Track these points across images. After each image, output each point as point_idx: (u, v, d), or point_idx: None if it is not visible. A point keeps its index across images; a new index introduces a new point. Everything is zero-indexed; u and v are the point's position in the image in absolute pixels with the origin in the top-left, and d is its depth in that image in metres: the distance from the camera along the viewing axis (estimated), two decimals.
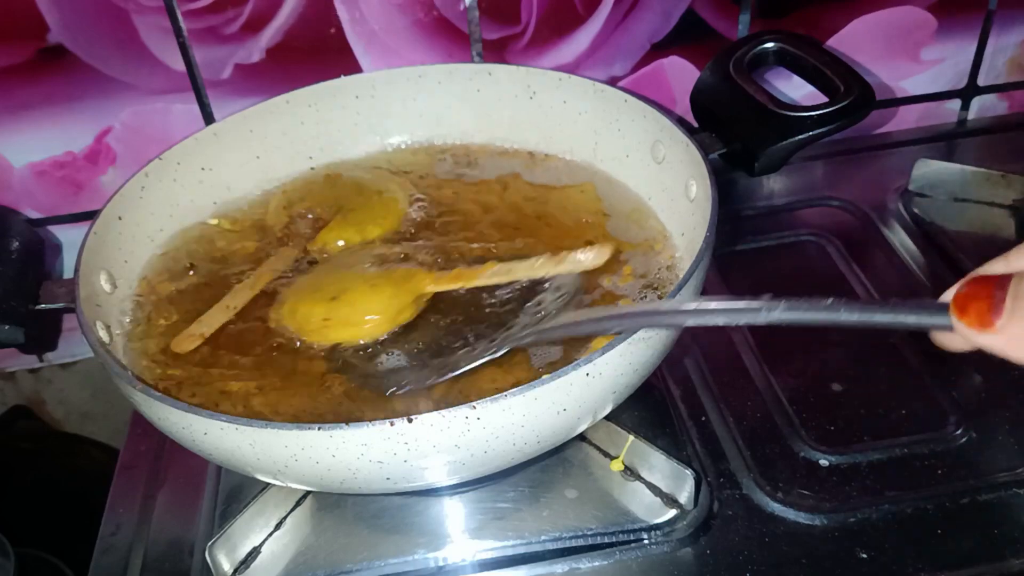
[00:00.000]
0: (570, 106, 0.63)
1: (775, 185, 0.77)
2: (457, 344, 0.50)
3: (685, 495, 0.51)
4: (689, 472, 0.51)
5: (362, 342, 0.51)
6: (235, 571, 0.50)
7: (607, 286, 0.54)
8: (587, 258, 0.51)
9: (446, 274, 0.53)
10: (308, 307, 0.52)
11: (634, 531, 0.51)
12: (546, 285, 0.52)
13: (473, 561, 0.51)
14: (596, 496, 0.53)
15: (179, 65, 0.66)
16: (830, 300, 0.35)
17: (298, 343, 0.51)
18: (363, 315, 0.51)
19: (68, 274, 0.62)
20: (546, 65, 0.71)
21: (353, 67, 0.68)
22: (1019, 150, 0.79)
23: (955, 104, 0.82)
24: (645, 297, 0.53)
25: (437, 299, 0.53)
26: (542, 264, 0.52)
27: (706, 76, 0.60)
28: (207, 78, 0.67)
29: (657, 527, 0.51)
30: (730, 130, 0.57)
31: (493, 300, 0.52)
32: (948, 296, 0.32)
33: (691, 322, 0.39)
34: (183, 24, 0.64)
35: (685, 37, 0.72)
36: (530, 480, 0.54)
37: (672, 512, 0.52)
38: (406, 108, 0.67)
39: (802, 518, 0.51)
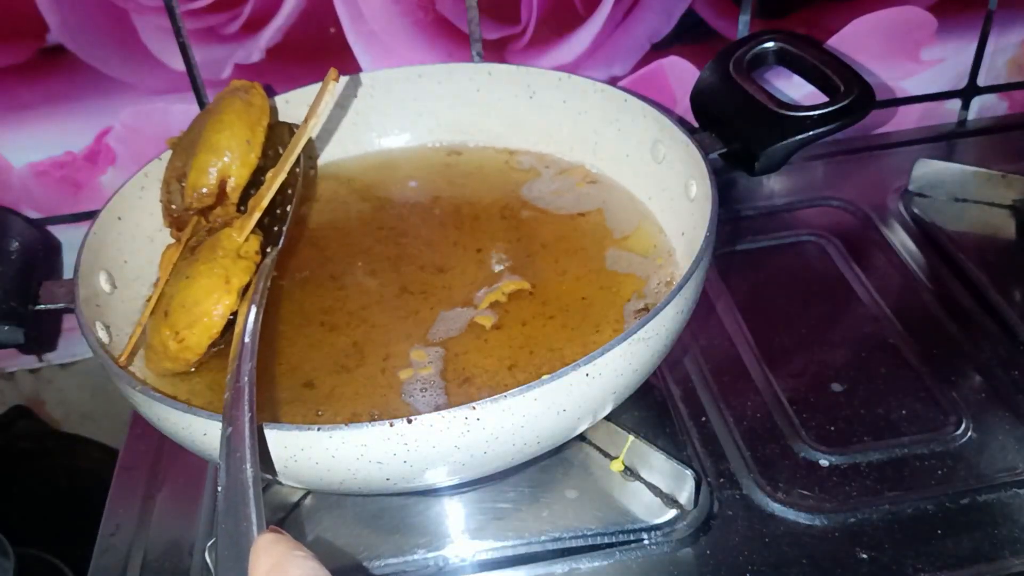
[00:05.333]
0: (570, 106, 0.63)
1: (775, 185, 0.77)
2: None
3: (685, 495, 0.51)
4: (689, 472, 0.51)
5: (227, 318, 0.49)
6: None
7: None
8: (325, 98, 0.52)
9: (243, 215, 0.52)
10: (157, 337, 0.49)
11: (634, 531, 0.51)
12: None
13: (473, 561, 0.50)
14: (596, 496, 0.53)
15: (179, 65, 0.66)
16: None
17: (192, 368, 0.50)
18: (198, 306, 0.48)
19: (68, 274, 0.62)
20: (546, 65, 0.71)
21: (353, 67, 0.68)
22: (1019, 150, 0.79)
23: (955, 104, 0.82)
24: (643, 309, 0.53)
25: None
26: (302, 134, 0.52)
27: (706, 76, 0.60)
28: (207, 78, 0.67)
29: (657, 527, 0.51)
30: (730, 130, 0.57)
31: None
32: None
33: None
34: (183, 24, 0.64)
35: (685, 37, 0.72)
36: (530, 480, 0.54)
37: (672, 512, 0.52)
38: (406, 108, 0.67)
39: (802, 518, 0.51)
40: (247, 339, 0.44)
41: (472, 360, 0.51)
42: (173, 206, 0.56)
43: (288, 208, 0.54)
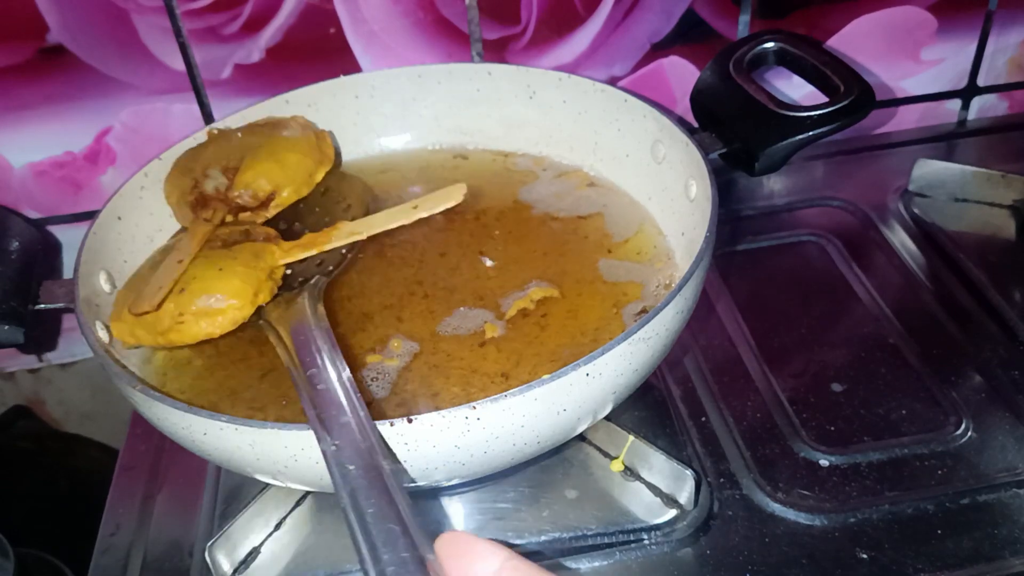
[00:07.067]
0: (570, 106, 0.63)
1: (775, 185, 0.77)
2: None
3: (685, 495, 0.51)
4: (689, 472, 0.51)
5: (230, 329, 0.48)
6: (235, 571, 0.50)
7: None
8: (444, 202, 0.53)
9: (296, 243, 0.52)
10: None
11: (634, 531, 0.51)
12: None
13: None
14: (596, 496, 0.53)
15: (179, 65, 0.66)
16: None
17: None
18: (219, 302, 0.48)
19: (68, 274, 0.62)
20: (546, 65, 0.71)
21: (353, 67, 0.68)
22: (1019, 150, 0.79)
23: (955, 104, 0.82)
24: (643, 312, 0.53)
25: None
26: (400, 212, 0.53)
27: (706, 76, 0.60)
28: (207, 78, 0.67)
29: (657, 527, 0.51)
30: (730, 130, 0.57)
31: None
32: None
33: None
34: (183, 24, 0.64)
35: (685, 37, 0.72)
36: (530, 480, 0.54)
37: (672, 512, 0.52)
38: (406, 108, 0.67)
39: (802, 518, 0.51)
40: (321, 339, 0.43)
41: (440, 365, 0.50)
42: (202, 188, 0.56)
43: (343, 251, 0.55)
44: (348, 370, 0.41)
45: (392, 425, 0.38)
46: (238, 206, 0.56)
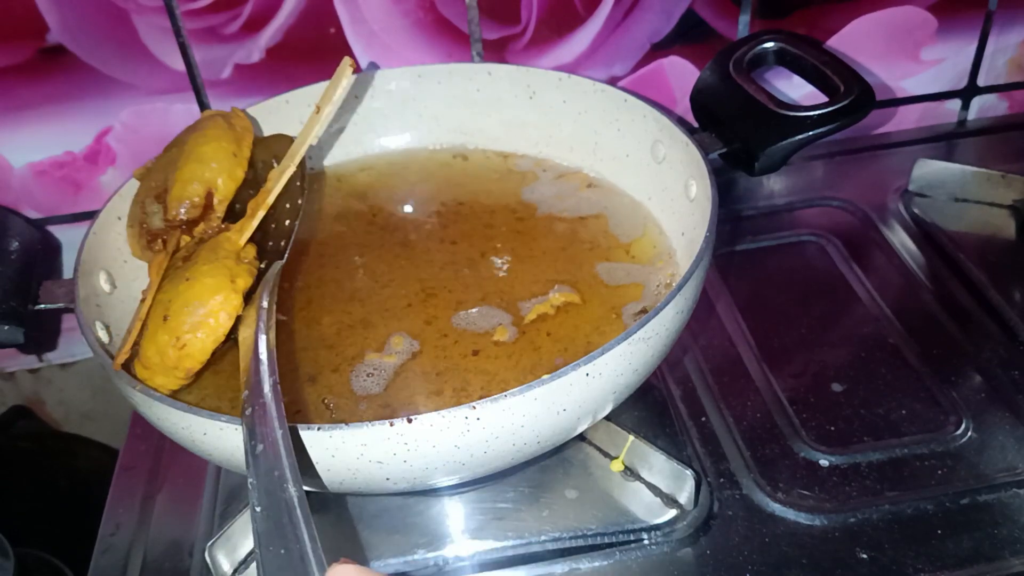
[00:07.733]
0: (570, 106, 0.63)
1: (775, 185, 0.77)
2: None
3: (685, 495, 0.51)
4: (689, 472, 0.51)
5: (234, 320, 0.46)
6: (235, 571, 0.50)
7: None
8: (338, 88, 0.50)
9: (243, 218, 0.51)
10: (152, 346, 0.46)
11: (634, 531, 0.51)
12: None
13: (473, 561, 0.50)
14: (596, 496, 0.53)
15: (179, 65, 0.66)
16: None
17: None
18: (202, 306, 0.46)
19: (68, 274, 0.62)
20: (546, 65, 0.71)
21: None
22: (1019, 150, 0.79)
23: (955, 104, 0.82)
24: (643, 311, 0.53)
25: None
26: (309, 128, 0.51)
27: (706, 76, 0.60)
28: (207, 78, 0.67)
29: (657, 527, 0.51)
30: (730, 130, 0.57)
31: None
32: None
33: None
34: (183, 24, 0.64)
35: (685, 37, 0.72)
36: (530, 480, 0.54)
37: (672, 512, 0.52)
38: (406, 108, 0.67)
39: (802, 518, 0.51)
40: (263, 356, 0.41)
41: (440, 365, 0.50)
42: (149, 226, 0.54)
43: (287, 222, 0.52)
44: (276, 376, 0.39)
45: (392, 425, 0.38)
46: (186, 223, 0.53)
